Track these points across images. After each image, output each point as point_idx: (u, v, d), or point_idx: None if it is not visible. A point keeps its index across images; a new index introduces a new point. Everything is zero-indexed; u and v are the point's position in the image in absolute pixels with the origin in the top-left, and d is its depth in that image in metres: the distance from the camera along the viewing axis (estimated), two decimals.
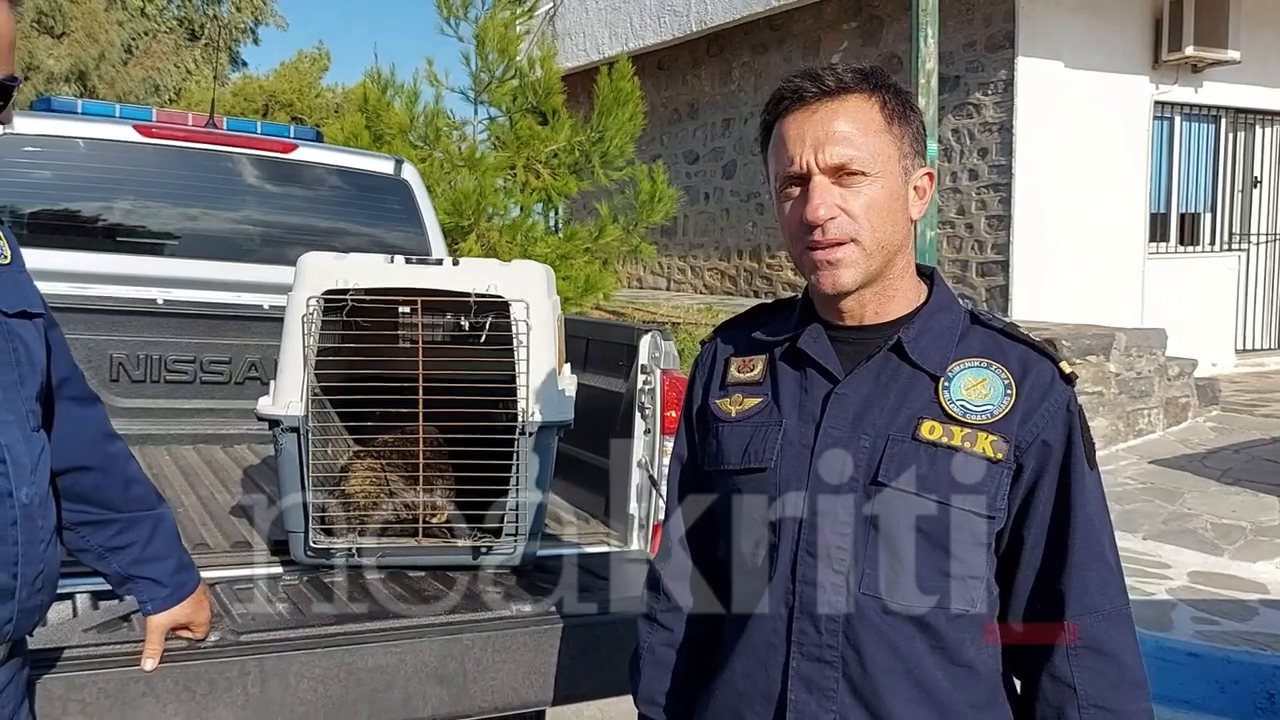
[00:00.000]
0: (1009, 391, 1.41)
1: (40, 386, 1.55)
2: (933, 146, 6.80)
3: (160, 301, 3.93)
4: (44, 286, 1.66)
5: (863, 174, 1.40)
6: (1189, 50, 9.38)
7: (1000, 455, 1.39)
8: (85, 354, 3.71)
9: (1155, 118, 9.95)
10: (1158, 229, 10.24)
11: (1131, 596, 1.48)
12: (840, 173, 1.40)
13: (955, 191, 9.64)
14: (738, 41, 12.27)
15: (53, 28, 19.85)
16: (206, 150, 4.18)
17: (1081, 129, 9.38)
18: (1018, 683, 1.51)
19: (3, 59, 1.41)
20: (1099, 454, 1.64)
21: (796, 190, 1.43)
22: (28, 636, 1.57)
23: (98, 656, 1.89)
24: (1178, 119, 10.23)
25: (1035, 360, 1.44)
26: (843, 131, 1.40)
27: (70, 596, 2.14)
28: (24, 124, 3.88)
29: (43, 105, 4.40)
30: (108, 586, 1.86)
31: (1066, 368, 1.45)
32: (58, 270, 3.71)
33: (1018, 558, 1.44)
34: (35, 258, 1.68)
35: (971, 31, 9.40)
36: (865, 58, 10.47)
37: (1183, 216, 10.51)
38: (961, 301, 1.54)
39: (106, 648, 1.92)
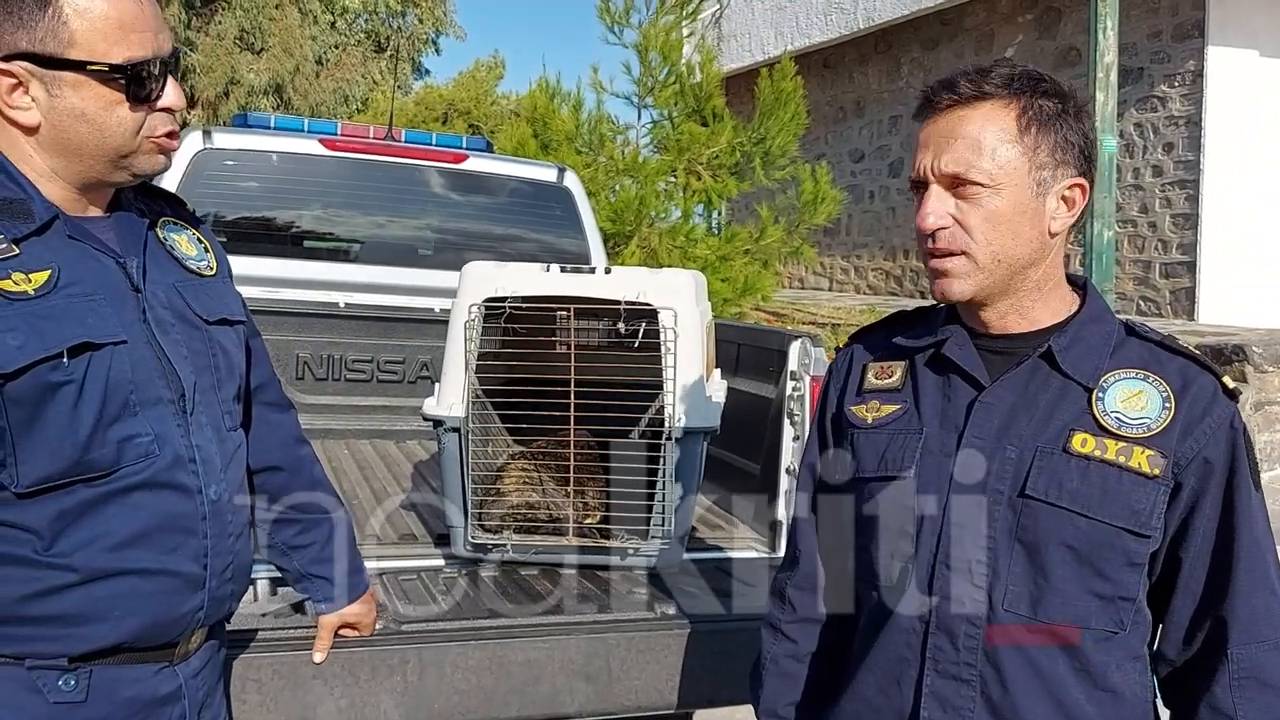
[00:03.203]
0: (1167, 405, 1.36)
1: (238, 389, 1.65)
2: (1111, 142, 6.48)
3: (342, 305, 4.18)
4: (240, 290, 1.79)
5: (981, 185, 1.36)
6: None
7: (1157, 471, 1.34)
8: (274, 353, 3.91)
9: None
10: None
11: None
12: (957, 182, 1.37)
13: (1137, 189, 9.15)
14: (907, 37, 12.00)
15: (253, 44, 21.19)
16: (385, 162, 4.42)
17: (1278, 121, 8.75)
18: (1165, 712, 1.46)
19: (117, 44, 1.39)
20: None
21: (919, 196, 1.42)
22: (224, 621, 1.67)
23: (274, 640, 2.02)
24: None
25: (1196, 374, 1.38)
26: (963, 140, 1.36)
27: (252, 582, 2.30)
28: (224, 139, 4.20)
29: (240, 121, 4.74)
30: None
31: (1230, 382, 1.39)
32: (252, 275, 4.00)
33: (1175, 580, 1.39)
34: (232, 264, 1.81)
35: (1157, 21, 8.91)
36: (1041, 51, 10.07)
37: None
38: (1120, 312, 1.49)
39: (282, 632, 2.06)
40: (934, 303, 1.56)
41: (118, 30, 1.39)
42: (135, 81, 1.40)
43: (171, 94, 1.46)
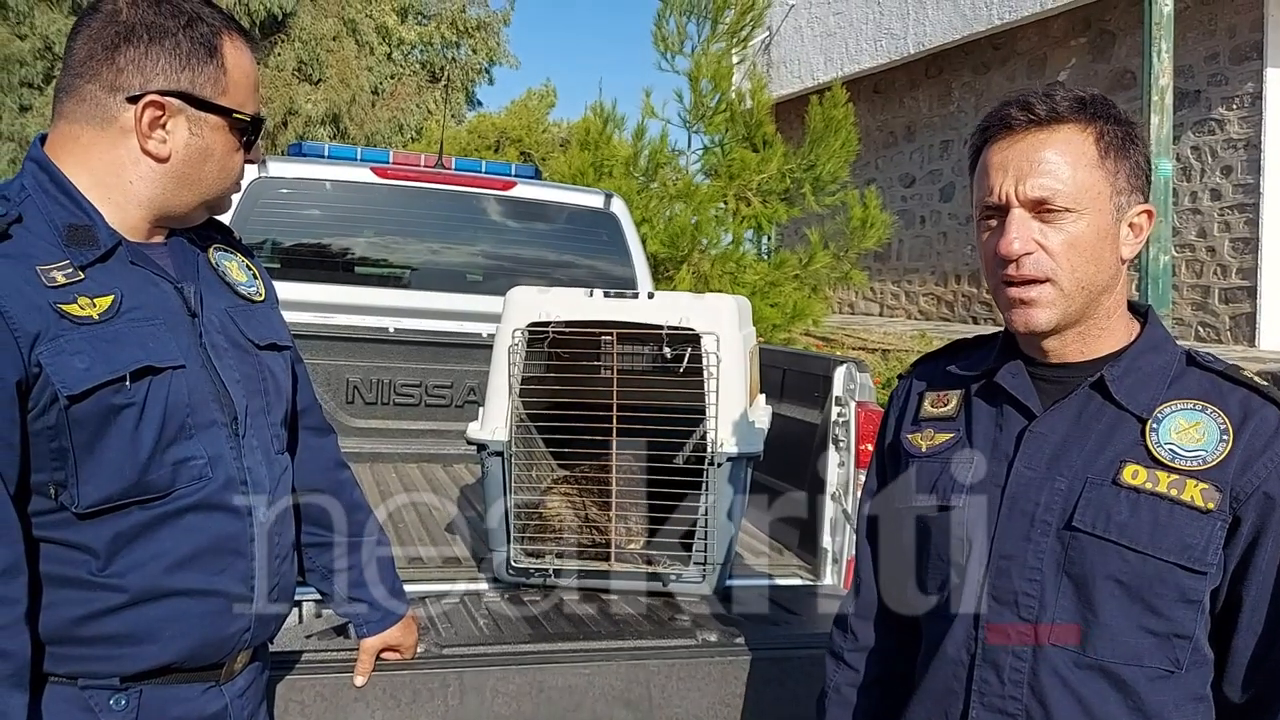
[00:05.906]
0: (1225, 437, 1.32)
1: (286, 413, 1.69)
2: (1167, 166, 6.37)
3: (391, 330, 4.24)
4: (292, 316, 1.82)
5: (1066, 210, 1.33)
6: None
7: (1211, 505, 1.30)
8: (325, 377, 4.03)
9: None
10: None
11: None
12: (1042, 207, 1.33)
13: (1195, 213, 8.99)
14: (958, 62, 11.93)
15: (311, 75, 21.63)
16: (435, 189, 4.49)
17: None
18: None
19: (251, 99, 1.57)
20: None
21: (995, 221, 1.38)
22: (268, 642, 1.70)
23: (316, 662, 2.04)
24: None
25: (1259, 406, 1.34)
26: (1049, 164, 1.33)
27: (297, 604, 2.32)
28: (279, 168, 4.29)
29: (295, 150, 4.84)
30: None
31: None
32: (305, 300, 4.07)
33: (1235, 619, 1.34)
34: (286, 290, 1.83)
35: (1214, 43, 8.77)
36: (1095, 74, 9.96)
37: None
38: (1179, 342, 1.45)
39: (325, 654, 2.07)
40: (995, 331, 1.53)
41: (252, 88, 1.56)
42: (254, 133, 1.57)
43: (260, 149, 1.63)
